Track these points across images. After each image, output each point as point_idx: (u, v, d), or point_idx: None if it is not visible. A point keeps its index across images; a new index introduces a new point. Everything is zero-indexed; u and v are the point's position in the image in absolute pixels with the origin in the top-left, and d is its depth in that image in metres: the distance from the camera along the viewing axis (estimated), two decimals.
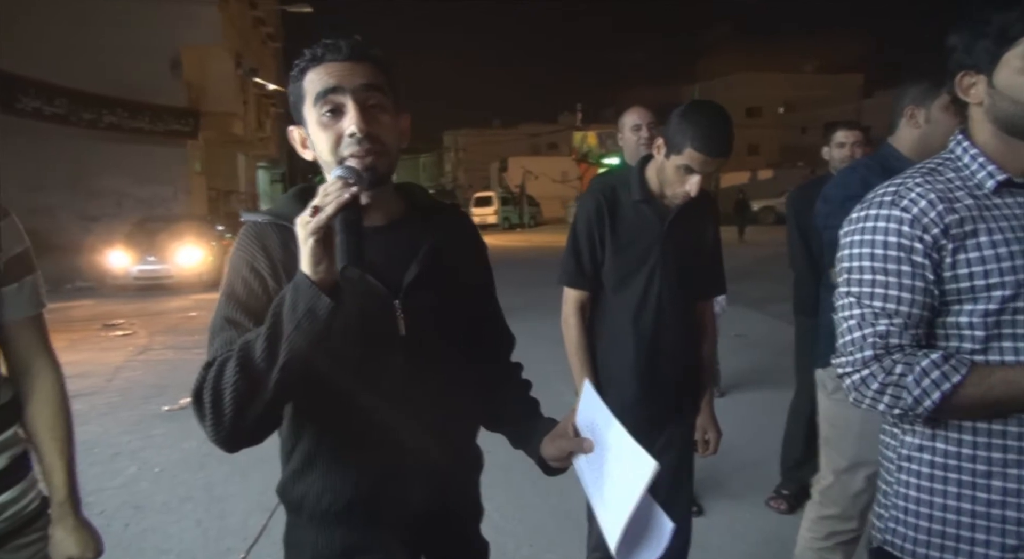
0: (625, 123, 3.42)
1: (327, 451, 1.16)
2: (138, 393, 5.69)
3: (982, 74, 1.17)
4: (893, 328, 1.17)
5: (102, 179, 17.46)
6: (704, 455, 2.22)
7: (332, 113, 1.09)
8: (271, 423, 1.07)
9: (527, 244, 20.17)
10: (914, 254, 1.16)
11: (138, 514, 3.50)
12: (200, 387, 1.01)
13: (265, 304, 1.06)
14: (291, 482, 1.19)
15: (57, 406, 1.36)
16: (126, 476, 3.96)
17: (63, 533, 1.34)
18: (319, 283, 0.96)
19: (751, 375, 5.52)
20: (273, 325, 0.97)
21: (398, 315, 1.14)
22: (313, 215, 0.95)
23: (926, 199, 1.17)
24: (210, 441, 1.04)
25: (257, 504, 3.55)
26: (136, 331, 8.53)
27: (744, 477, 3.66)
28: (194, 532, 3.32)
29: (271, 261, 1.12)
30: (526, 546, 3.02)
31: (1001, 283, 1.12)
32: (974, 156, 1.20)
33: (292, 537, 1.22)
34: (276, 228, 1.14)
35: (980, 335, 1.15)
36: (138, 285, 12.07)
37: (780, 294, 8.85)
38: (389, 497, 1.17)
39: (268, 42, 29.65)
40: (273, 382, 0.97)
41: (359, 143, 1.07)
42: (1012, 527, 1.14)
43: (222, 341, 1.06)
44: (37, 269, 1.38)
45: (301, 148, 1.18)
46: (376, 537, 1.18)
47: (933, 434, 1.20)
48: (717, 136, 1.85)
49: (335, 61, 1.10)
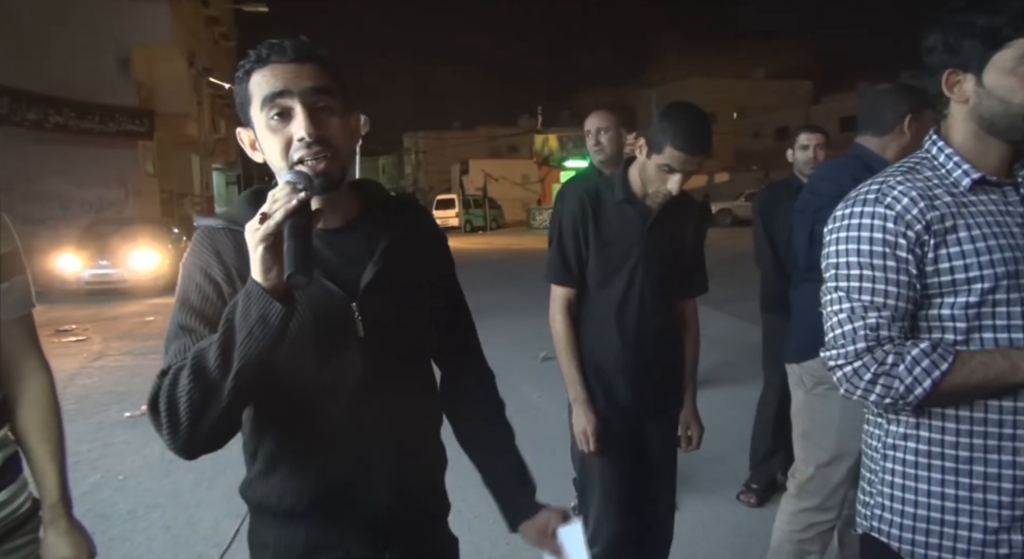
0: (589, 127, 3.47)
1: (289, 453, 1.16)
2: (96, 400, 5.53)
3: (969, 73, 1.22)
4: (882, 320, 1.21)
5: (46, 181, 16.84)
6: (687, 450, 2.27)
7: (280, 117, 1.07)
8: (229, 429, 1.06)
9: (489, 247, 20.19)
10: (898, 249, 1.21)
11: (104, 523, 3.41)
12: (156, 396, 1.00)
13: (220, 310, 1.04)
14: (255, 482, 1.19)
15: (47, 408, 1.33)
16: (88, 484, 3.87)
17: (55, 536, 1.31)
18: (271, 290, 0.96)
19: (714, 372, 5.64)
20: (226, 333, 0.97)
21: (356, 318, 1.13)
22: (262, 222, 0.94)
23: (908, 197, 1.22)
24: (168, 449, 1.03)
25: (226, 509, 3.50)
26: (90, 337, 8.27)
27: (712, 472, 3.74)
28: (163, 539, 3.26)
29: (225, 267, 1.11)
30: (503, 544, 3.04)
31: (980, 276, 1.18)
32: (949, 155, 1.26)
33: (256, 536, 1.22)
34: (230, 233, 1.12)
35: (962, 326, 1.21)
36: (90, 290, 11.62)
37: (740, 294, 9.05)
38: (352, 496, 1.17)
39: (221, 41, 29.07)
40: (228, 390, 0.98)
41: (308, 147, 1.06)
42: (994, 510, 1.19)
43: (176, 349, 1.05)
44: (26, 269, 1.35)
45: (250, 150, 1.16)
46: (339, 534, 1.18)
47: (917, 423, 1.25)
48: (696, 134, 1.91)
49: (280, 62, 1.08)
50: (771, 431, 3.45)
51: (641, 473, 2.17)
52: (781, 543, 2.30)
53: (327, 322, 1.11)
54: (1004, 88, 1.19)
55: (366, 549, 1.19)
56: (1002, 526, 1.19)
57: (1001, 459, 1.19)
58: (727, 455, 3.83)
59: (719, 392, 5.16)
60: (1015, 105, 1.18)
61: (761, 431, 3.54)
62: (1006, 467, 1.19)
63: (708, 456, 3.90)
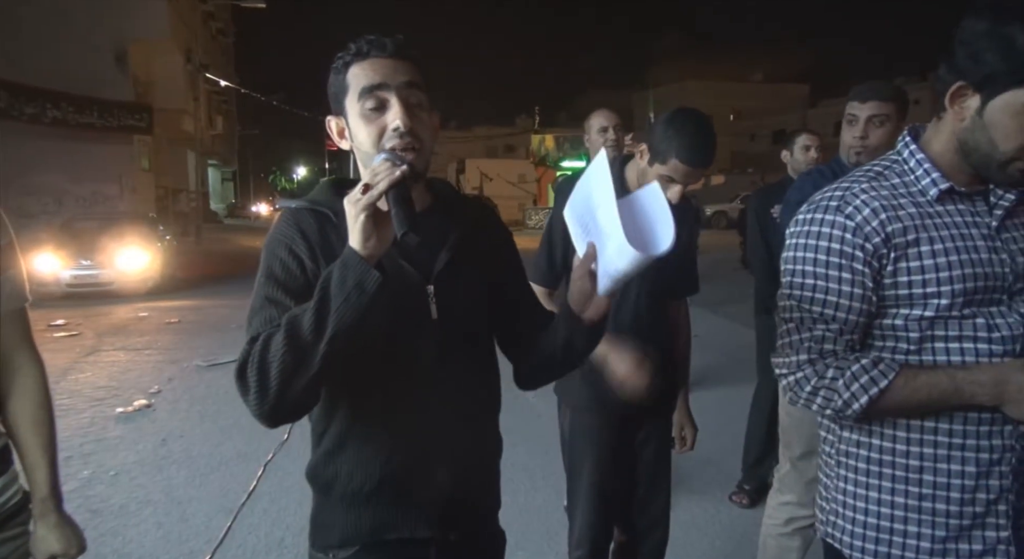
0: (592, 125, 3.47)
1: (359, 432, 1.19)
2: (89, 395, 5.50)
3: (978, 95, 1.12)
4: (829, 333, 1.21)
5: (41, 176, 16.77)
6: (681, 452, 2.27)
7: (376, 108, 1.13)
8: (313, 398, 1.09)
9: None
10: (855, 262, 1.18)
11: (95, 518, 3.40)
12: (245, 361, 1.03)
13: (303, 284, 1.11)
14: (322, 463, 1.22)
15: (40, 402, 1.33)
16: (80, 480, 3.85)
17: (45, 530, 1.31)
18: (367, 259, 1.00)
19: (708, 374, 5.65)
20: (321, 299, 1.00)
21: (431, 300, 1.18)
22: (364, 193, 0.99)
23: (870, 207, 1.18)
24: (252, 415, 1.06)
25: (219, 506, 3.50)
26: (82, 332, 8.23)
27: (705, 473, 3.76)
28: (155, 535, 3.24)
29: (309, 244, 1.15)
30: None
31: (938, 292, 1.16)
32: (920, 162, 1.21)
33: (321, 517, 1.25)
34: (312, 213, 1.19)
35: (915, 337, 1.19)
36: (70, 293, 10.56)
37: (734, 296, 9.11)
38: (417, 477, 1.20)
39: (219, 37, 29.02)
40: (320, 355, 1.00)
41: (401, 137, 1.12)
42: (941, 519, 1.19)
43: (263, 319, 1.09)
44: (21, 263, 1.35)
45: (338, 138, 1.22)
46: (403, 515, 1.21)
47: (870, 430, 1.25)
48: (703, 147, 1.85)
49: (380, 57, 1.14)
50: (764, 433, 3.46)
51: (632, 473, 2.17)
52: (765, 537, 2.34)
53: (403, 302, 1.15)
54: (1000, 128, 1.11)
55: (430, 530, 1.22)
56: (949, 535, 1.19)
57: (951, 469, 1.18)
58: (720, 457, 3.84)
59: (713, 394, 5.17)
60: (998, 151, 1.12)
61: (754, 433, 3.55)
62: (955, 477, 1.18)
63: (701, 458, 3.91)
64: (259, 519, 3.38)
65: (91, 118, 17.32)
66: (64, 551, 1.33)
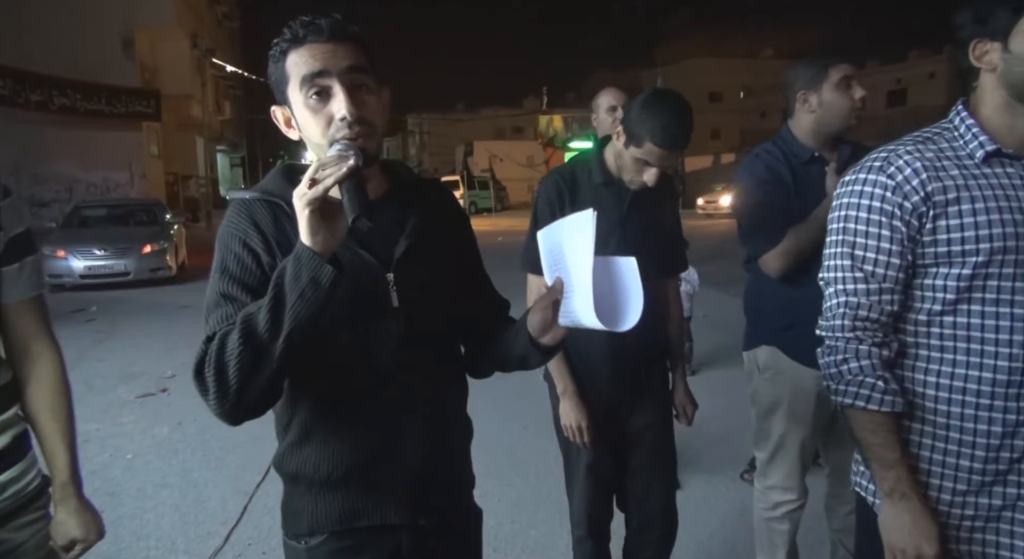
0: (600, 104, 3.42)
1: (323, 422, 1.18)
2: (105, 380, 5.58)
3: (997, 41, 1.21)
4: (867, 299, 1.27)
5: (52, 163, 16.86)
6: (683, 423, 2.27)
7: (319, 96, 1.09)
8: (273, 395, 1.08)
9: (494, 228, 20.16)
10: (895, 219, 1.24)
11: (113, 501, 3.46)
12: (202, 361, 1.02)
13: (259, 278, 1.08)
14: (288, 453, 1.21)
15: (57, 388, 1.35)
16: (97, 463, 3.91)
17: (65, 514, 1.33)
18: (320, 253, 0.98)
19: (717, 354, 5.65)
20: (276, 296, 0.99)
21: (391, 288, 1.17)
22: (310, 187, 0.96)
23: (911, 167, 1.23)
24: (214, 415, 1.05)
25: (234, 488, 3.55)
26: (98, 318, 8.32)
27: (716, 452, 3.76)
28: (172, 517, 3.30)
29: (264, 236, 1.13)
30: (508, 523, 3.07)
31: (976, 250, 1.20)
32: (969, 126, 1.26)
33: (290, 506, 1.24)
34: (265, 204, 1.15)
35: (951, 298, 1.23)
36: (83, 283, 10.34)
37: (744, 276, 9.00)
38: (385, 464, 1.19)
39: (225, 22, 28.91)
40: (278, 353, 0.99)
41: (349, 127, 1.07)
42: (964, 474, 1.26)
43: (219, 316, 1.07)
44: (38, 250, 1.36)
45: (286, 128, 1.18)
46: (373, 502, 1.20)
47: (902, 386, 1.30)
48: (677, 130, 1.83)
49: (317, 42, 1.09)
50: None
51: (629, 457, 2.15)
52: (757, 520, 2.36)
53: (363, 291, 1.14)
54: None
55: (400, 516, 1.22)
56: (971, 489, 1.26)
57: (977, 428, 1.24)
58: (730, 435, 3.85)
59: (723, 374, 5.17)
60: None
61: None
62: (980, 436, 1.23)
63: (712, 437, 3.94)
64: (274, 500, 3.39)
65: (99, 105, 17.35)
66: (84, 536, 1.34)
